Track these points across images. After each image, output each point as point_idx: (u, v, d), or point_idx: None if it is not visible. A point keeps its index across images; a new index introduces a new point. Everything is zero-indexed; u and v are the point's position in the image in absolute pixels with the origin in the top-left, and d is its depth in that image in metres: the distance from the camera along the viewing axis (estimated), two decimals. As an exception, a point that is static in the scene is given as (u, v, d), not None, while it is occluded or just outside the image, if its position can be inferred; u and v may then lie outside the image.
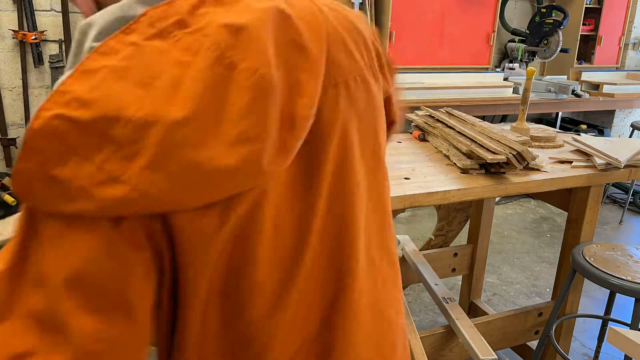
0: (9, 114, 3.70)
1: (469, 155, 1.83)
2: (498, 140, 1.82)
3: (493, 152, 1.76)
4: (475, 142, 1.85)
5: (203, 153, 0.47)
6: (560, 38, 4.76)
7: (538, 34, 4.86)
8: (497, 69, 5.07)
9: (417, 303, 3.06)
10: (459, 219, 2.75)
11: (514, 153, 1.74)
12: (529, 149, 1.80)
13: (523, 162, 1.78)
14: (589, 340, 2.79)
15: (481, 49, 4.98)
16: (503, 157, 1.73)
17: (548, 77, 5.04)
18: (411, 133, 2.32)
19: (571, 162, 2.00)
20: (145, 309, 0.51)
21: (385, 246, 0.72)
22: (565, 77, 5.07)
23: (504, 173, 1.81)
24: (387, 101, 0.75)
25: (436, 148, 2.10)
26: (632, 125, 4.52)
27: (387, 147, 0.74)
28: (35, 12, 3.50)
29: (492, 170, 1.81)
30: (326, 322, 0.62)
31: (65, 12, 3.58)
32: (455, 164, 1.86)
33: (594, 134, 4.87)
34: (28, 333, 0.45)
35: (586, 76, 5.00)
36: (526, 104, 2.23)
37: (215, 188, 0.49)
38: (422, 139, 2.23)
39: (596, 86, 4.89)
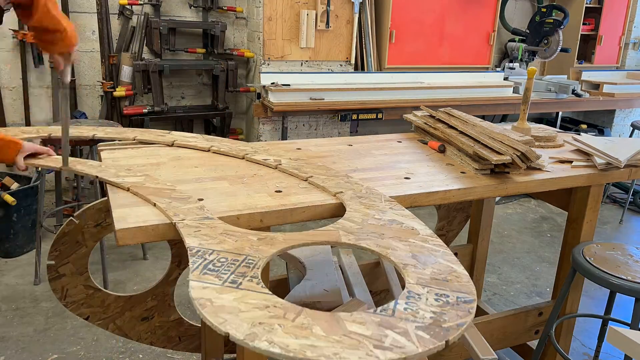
0: (9, 114, 3.70)
1: (475, 157, 1.83)
2: (501, 141, 1.82)
3: (498, 153, 1.75)
4: (479, 142, 1.85)
5: None
6: (561, 38, 4.76)
7: (538, 33, 4.86)
8: (497, 69, 5.07)
9: (417, 303, 3.06)
10: (459, 219, 2.75)
11: (518, 154, 1.74)
12: (532, 148, 1.80)
13: (527, 162, 1.78)
14: (589, 340, 2.79)
15: (481, 49, 4.98)
16: (508, 157, 1.73)
17: (548, 76, 5.04)
18: (413, 132, 2.32)
19: (571, 162, 2.00)
20: None
21: None
22: (566, 76, 5.07)
23: (508, 173, 1.81)
24: None
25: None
26: (632, 125, 4.52)
27: None
28: (35, 11, 3.49)
29: (496, 170, 1.81)
30: None
31: (64, 12, 3.58)
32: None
33: (594, 133, 4.86)
34: None
35: (586, 76, 5.00)
36: (527, 104, 2.23)
37: None
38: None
39: (596, 86, 4.89)
